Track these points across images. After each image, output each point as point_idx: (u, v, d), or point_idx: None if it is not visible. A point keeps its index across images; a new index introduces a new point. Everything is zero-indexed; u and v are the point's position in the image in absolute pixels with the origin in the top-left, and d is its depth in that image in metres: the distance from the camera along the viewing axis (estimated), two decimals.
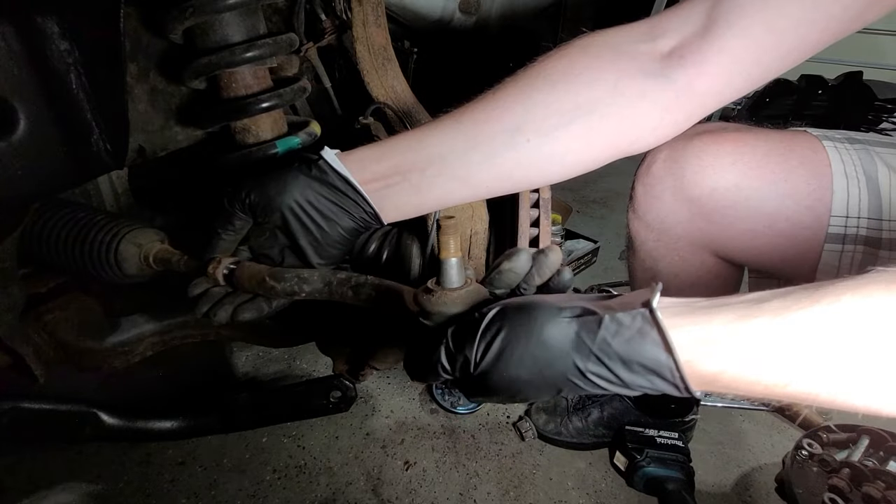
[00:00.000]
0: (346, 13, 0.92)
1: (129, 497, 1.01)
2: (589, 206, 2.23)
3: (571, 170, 0.60)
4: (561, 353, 0.39)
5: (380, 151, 0.60)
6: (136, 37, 0.72)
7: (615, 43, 0.57)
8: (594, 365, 0.38)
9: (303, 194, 0.59)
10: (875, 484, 0.94)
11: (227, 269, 0.60)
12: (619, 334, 0.38)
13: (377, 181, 0.59)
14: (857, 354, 0.34)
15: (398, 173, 0.59)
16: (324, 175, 0.59)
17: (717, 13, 0.52)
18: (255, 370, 1.32)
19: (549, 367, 0.40)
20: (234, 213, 0.61)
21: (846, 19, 0.50)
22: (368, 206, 0.60)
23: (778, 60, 0.53)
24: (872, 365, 0.34)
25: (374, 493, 1.04)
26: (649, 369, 0.37)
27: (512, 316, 0.41)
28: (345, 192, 0.59)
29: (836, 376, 0.35)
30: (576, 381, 0.40)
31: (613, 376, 0.38)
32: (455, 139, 0.58)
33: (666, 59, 0.55)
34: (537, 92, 0.57)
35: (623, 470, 1.08)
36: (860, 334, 0.34)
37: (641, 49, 0.56)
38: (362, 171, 0.59)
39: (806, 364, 0.35)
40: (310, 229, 0.60)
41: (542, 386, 0.41)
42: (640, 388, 0.39)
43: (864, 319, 0.34)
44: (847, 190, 0.65)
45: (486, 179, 0.60)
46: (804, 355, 0.35)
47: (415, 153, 0.58)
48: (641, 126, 0.58)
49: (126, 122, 0.69)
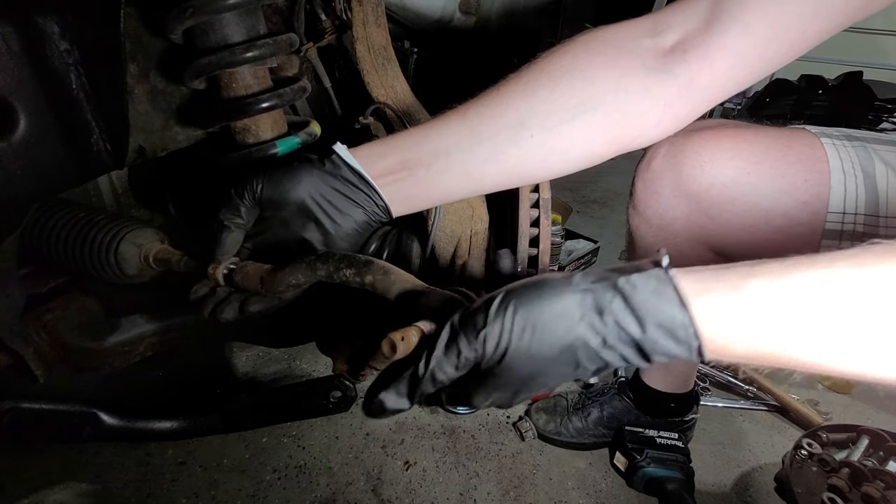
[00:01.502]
0: (346, 13, 0.92)
1: (129, 497, 1.01)
2: (589, 206, 2.23)
3: (575, 164, 0.61)
4: (578, 321, 0.39)
5: (386, 147, 0.60)
6: (137, 37, 0.72)
7: (618, 39, 0.57)
8: (612, 329, 0.38)
9: (316, 188, 0.59)
10: (874, 484, 0.94)
11: (227, 269, 0.59)
12: (635, 295, 0.38)
13: (385, 176, 0.59)
14: (851, 319, 0.35)
15: (405, 168, 0.59)
16: (337, 169, 0.59)
17: (721, 8, 0.52)
18: (255, 370, 1.32)
19: (567, 336, 0.39)
20: (241, 204, 0.61)
21: (848, 12, 0.51)
22: (381, 200, 0.60)
23: (780, 54, 0.54)
24: (864, 329, 0.35)
25: (374, 493, 1.04)
26: (664, 328, 0.37)
27: (522, 293, 0.40)
28: (358, 186, 0.59)
29: (833, 340, 0.35)
30: (594, 348, 0.39)
31: (629, 339, 0.38)
32: (460, 135, 0.58)
33: (669, 54, 0.55)
34: (541, 88, 0.57)
35: (623, 470, 1.08)
36: (854, 298, 0.35)
37: (644, 45, 0.56)
38: (370, 166, 0.59)
39: (802, 324, 0.36)
40: (322, 223, 0.60)
41: (561, 361, 0.40)
42: (655, 350, 0.38)
43: (858, 285, 0.35)
44: (844, 186, 0.65)
45: (491, 174, 0.60)
46: (800, 316, 0.36)
47: (420, 149, 0.59)
48: (644, 121, 0.58)
49: (126, 122, 0.69)
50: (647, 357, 0.39)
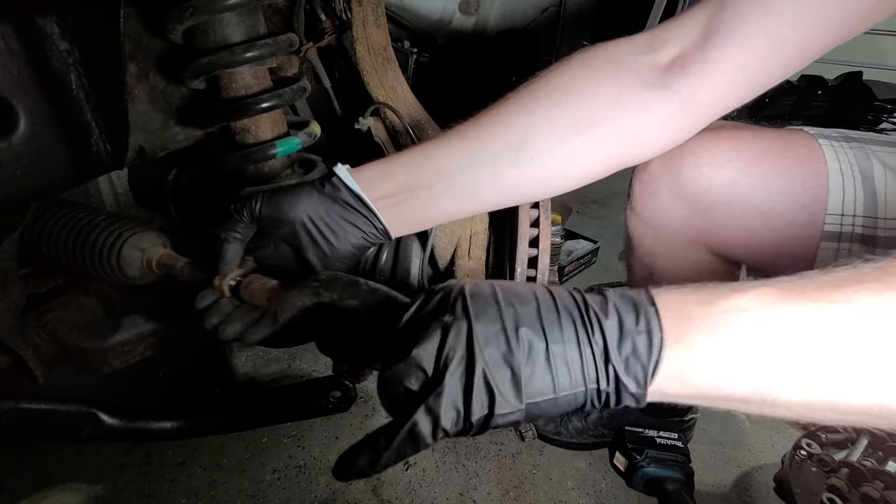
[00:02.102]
0: (346, 13, 0.92)
1: (128, 497, 1.01)
2: (589, 206, 2.23)
3: (575, 182, 0.61)
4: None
5: (388, 169, 0.60)
6: (137, 37, 0.72)
7: (616, 56, 0.58)
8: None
9: (315, 210, 0.59)
10: (874, 484, 0.94)
11: (233, 281, 0.59)
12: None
13: (386, 198, 0.60)
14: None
15: (406, 190, 0.59)
16: (336, 192, 0.59)
17: (718, 22, 0.52)
18: (255, 370, 1.32)
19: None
20: (239, 221, 0.61)
21: (848, 25, 0.51)
22: (380, 223, 0.60)
23: (780, 66, 0.53)
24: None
25: (373, 493, 1.04)
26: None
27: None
28: (357, 210, 0.59)
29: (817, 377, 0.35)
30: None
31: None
32: (461, 156, 0.58)
33: (667, 69, 0.55)
34: (540, 108, 0.57)
35: (623, 470, 1.08)
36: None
37: (642, 61, 0.56)
38: (372, 188, 0.59)
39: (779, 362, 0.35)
40: (319, 244, 0.60)
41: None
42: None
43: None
44: (843, 188, 0.65)
45: (492, 194, 0.61)
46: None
47: (422, 170, 0.59)
48: (644, 137, 0.59)
49: (126, 123, 0.69)
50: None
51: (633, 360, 0.36)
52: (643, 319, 0.37)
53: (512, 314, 0.38)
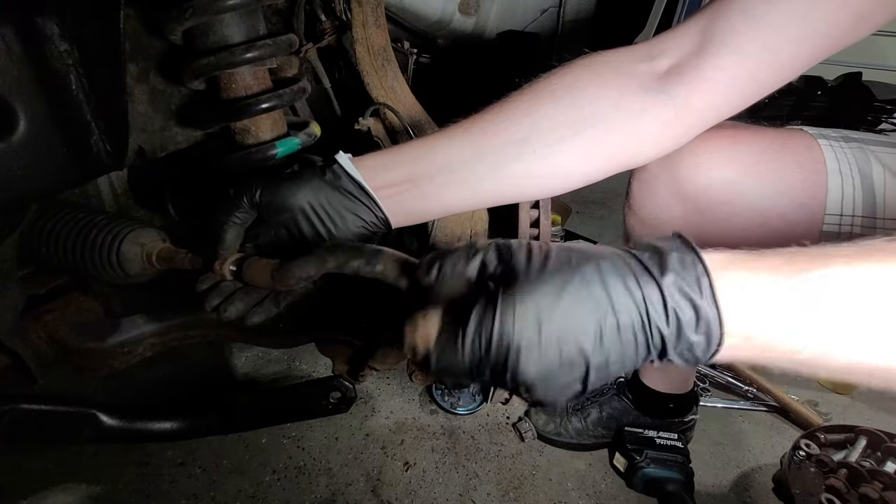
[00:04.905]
0: (346, 14, 0.92)
1: (128, 498, 1.01)
2: (589, 206, 2.23)
3: (576, 181, 0.62)
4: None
5: (390, 159, 0.61)
6: (136, 37, 0.72)
7: (616, 62, 0.59)
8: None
9: (316, 197, 0.59)
10: (872, 484, 0.94)
11: (234, 264, 0.59)
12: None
13: (388, 188, 0.60)
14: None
15: (408, 181, 0.60)
16: (337, 180, 0.59)
17: (712, 33, 0.54)
18: (254, 371, 1.32)
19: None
20: (240, 206, 0.61)
21: (837, 36, 0.53)
22: (380, 212, 0.60)
23: (773, 76, 0.55)
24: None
25: (373, 493, 1.04)
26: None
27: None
28: (357, 198, 0.59)
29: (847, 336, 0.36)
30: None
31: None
32: (464, 149, 0.59)
33: (665, 76, 0.57)
34: (543, 106, 0.58)
35: (622, 471, 1.08)
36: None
37: (641, 68, 0.58)
38: (373, 178, 0.59)
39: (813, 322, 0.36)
40: (319, 232, 0.60)
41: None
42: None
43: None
44: (842, 188, 0.65)
45: (493, 189, 0.61)
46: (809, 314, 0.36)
47: (424, 162, 0.60)
48: (643, 139, 0.60)
49: (126, 123, 0.69)
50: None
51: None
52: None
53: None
